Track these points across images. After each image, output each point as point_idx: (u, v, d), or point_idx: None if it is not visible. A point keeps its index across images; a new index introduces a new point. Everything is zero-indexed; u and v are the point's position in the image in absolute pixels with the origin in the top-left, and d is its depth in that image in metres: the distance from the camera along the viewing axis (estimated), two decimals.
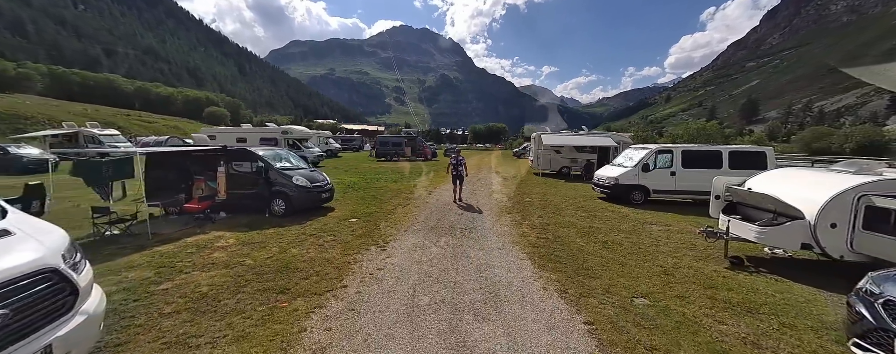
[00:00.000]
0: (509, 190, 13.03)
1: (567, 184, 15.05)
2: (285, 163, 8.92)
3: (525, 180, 16.54)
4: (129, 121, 65.80)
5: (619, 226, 7.61)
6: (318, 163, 22.96)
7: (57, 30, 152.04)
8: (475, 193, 12.26)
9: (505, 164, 27.16)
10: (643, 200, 10.12)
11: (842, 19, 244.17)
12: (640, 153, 10.55)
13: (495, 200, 10.86)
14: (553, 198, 11.21)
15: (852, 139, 55.76)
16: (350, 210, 9.03)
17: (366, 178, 16.38)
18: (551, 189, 13.63)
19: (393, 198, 10.88)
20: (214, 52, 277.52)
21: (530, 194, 12.18)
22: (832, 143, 56.42)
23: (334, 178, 16.10)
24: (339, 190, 12.25)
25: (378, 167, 22.57)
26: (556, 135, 19.43)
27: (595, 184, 11.29)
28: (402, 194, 11.84)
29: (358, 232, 6.91)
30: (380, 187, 13.53)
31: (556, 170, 18.77)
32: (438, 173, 19.34)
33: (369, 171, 19.79)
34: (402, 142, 30.40)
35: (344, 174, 18.12)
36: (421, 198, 11.05)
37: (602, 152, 18.40)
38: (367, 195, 11.42)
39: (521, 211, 9.09)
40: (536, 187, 14.08)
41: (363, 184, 14.15)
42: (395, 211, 8.93)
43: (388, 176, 17.53)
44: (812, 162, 20.05)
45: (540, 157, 18.51)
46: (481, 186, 14.21)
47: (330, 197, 9.25)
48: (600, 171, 11.27)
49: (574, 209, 9.44)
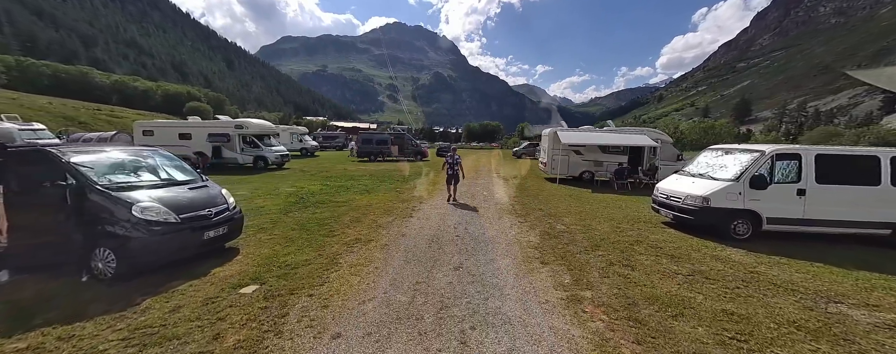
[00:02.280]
0: (527, 209, 9.18)
1: (600, 198, 11.24)
2: (132, 177, 4.88)
3: (540, 190, 12.71)
4: (96, 116, 60.63)
5: (780, 311, 3.82)
6: (283, 165, 18.93)
7: (32, 20, 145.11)
8: (481, 215, 8.38)
9: (506, 166, 23.33)
10: (749, 234, 6.34)
11: (830, 21, 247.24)
12: (736, 158, 6.76)
13: (513, 232, 7.00)
14: (598, 226, 7.38)
15: (864, 139, 54.08)
16: (261, 258, 5.09)
17: (331, 187, 12.42)
18: (584, 206, 9.81)
19: (351, 227, 6.96)
20: (201, 46, 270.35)
21: (559, 216, 8.34)
22: (842, 144, 54.81)
23: (286, 187, 12.28)
24: (276, 210, 8.27)
25: (355, 170, 18.59)
26: (577, 132, 15.62)
27: (659, 205, 7.49)
28: (369, 216, 7.92)
29: (227, 343, 3.00)
30: (343, 203, 9.57)
31: (575, 174, 14.99)
32: (429, 177, 15.43)
33: (342, 176, 15.82)
34: (387, 140, 26.37)
35: (306, 180, 14.12)
36: (396, 226, 7.15)
37: (633, 153, 14.67)
38: (314, 220, 7.48)
39: (565, 260, 5.22)
40: (561, 202, 10.24)
41: (322, 198, 10.18)
42: (342, 261, 5.01)
43: (362, 183, 13.60)
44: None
45: (556, 159, 14.72)
46: (485, 200, 10.33)
47: (229, 235, 5.28)
48: (671, 185, 7.44)
49: (651, 254, 5.59)
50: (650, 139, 13.79)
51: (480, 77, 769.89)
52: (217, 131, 17.65)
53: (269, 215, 7.87)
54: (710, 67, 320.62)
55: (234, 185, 12.57)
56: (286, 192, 11.09)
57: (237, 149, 17.64)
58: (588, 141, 14.30)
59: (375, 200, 10.03)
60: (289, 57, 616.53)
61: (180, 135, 17.78)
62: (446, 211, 8.62)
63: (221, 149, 17.65)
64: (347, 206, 9.06)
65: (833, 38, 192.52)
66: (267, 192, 11.05)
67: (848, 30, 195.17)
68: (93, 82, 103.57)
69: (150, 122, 18.71)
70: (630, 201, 10.63)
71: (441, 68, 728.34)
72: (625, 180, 12.93)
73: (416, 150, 28.02)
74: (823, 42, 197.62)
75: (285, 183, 13.33)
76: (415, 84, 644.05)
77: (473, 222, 7.55)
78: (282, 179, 14.37)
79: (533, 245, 5.98)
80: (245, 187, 12.09)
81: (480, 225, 7.27)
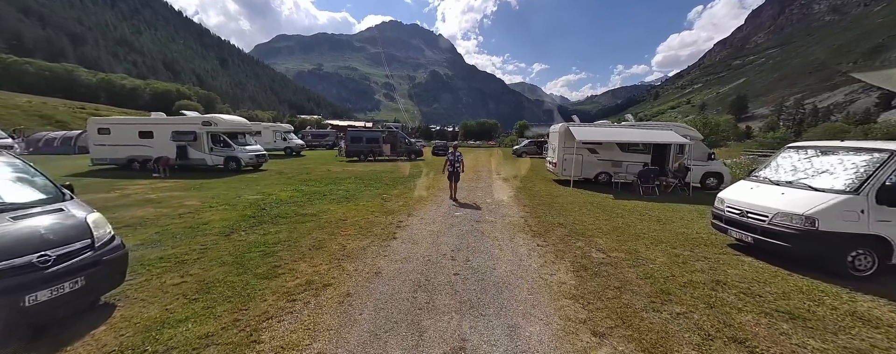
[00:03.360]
0: (544, 224, 7.23)
1: (627, 206, 9.31)
2: None
3: (552, 195, 10.75)
4: (77, 115, 57.94)
5: None
6: (260, 166, 16.91)
7: (19, 18, 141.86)
8: (486, 234, 6.42)
9: (508, 166, 21.36)
10: (874, 268, 4.43)
11: (824, 18, 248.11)
12: (846, 161, 4.84)
13: (534, 263, 5.05)
14: (647, 252, 5.44)
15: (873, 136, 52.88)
16: (135, 331, 3.10)
17: (305, 193, 10.43)
18: (613, 218, 7.86)
19: (307, 258, 4.98)
20: (194, 44, 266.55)
21: (589, 235, 6.41)
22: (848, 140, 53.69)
23: (250, 194, 10.14)
24: (219, 229, 6.29)
25: (340, 172, 16.57)
26: (592, 128, 13.64)
27: (727, 222, 5.56)
28: (338, 238, 5.94)
29: None
30: (311, 216, 7.58)
31: (590, 176, 13.05)
32: (423, 180, 13.46)
33: (324, 179, 13.81)
34: (379, 138, 24.32)
35: (279, 185, 12.08)
36: (371, 255, 5.17)
37: (657, 151, 12.75)
38: (261, 245, 5.50)
39: (630, 327, 3.28)
40: (584, 213, 8.29)
41: (287, 209, 8.18)
42: (264, 338, 3.02)
43: (344, 187, 11.60)
44: None
45: (568, 159, 12.78)
46: (490, 210, 8.36)
47: (92, 287, 3.27)
48: (745, 196, 5.48)
49: (753, 309, 3.68)
50: (679, 135, 11.87)
51: (477, 75, 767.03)
52: (182, 129, 15.55)
53: (206, 237, 5.88)
54: (705, 65, 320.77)
55: (190, 192, 10.55)
56: (247, 202, 9.08)
57: (205, 149, 15.57)
58: (607, 137, 12.31)
59: (354, 211, 8.05)
60: (284, 55, 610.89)
61: (141, 134, 15.67)
62: (440, 229, 6.66)
63: (187, 148, 15.58)
64: (315, 222, 7.07)
65: (828, 36, 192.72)
66: (224, 202, 9.04)
67: (842, 27, 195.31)
68: (78, 80, 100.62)
69: (107, 119, 16.55)
70: (666, 211, 8.71)
71: (438, 67, 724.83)
72: (651, 184, 11.03)
73: (410, 149, 25.99)
74: (818, 39, 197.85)
75: (253, 188, 11.31)
76: (411, 82, 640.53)
77: (478, 247, 5.59)
78: (251, 184, 12.35)
79: (568, 290, 4.02)
80: (200, 195, 10.06)
81: (487, 253, 5.31)
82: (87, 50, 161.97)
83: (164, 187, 11.49)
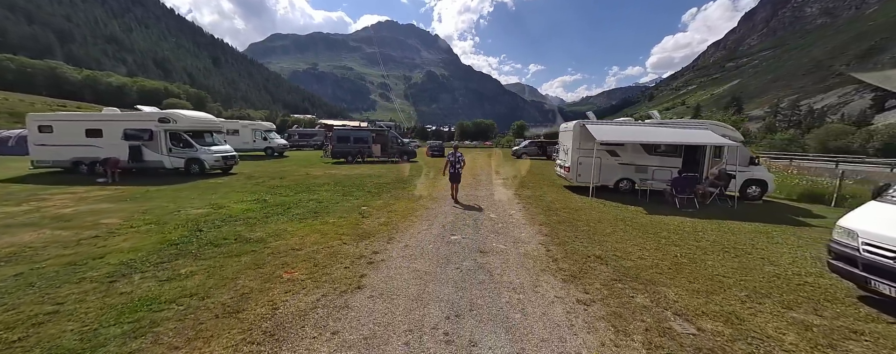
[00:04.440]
0: (574, 257, 5.27)
1: (672, 225, 7.34)
2: None
3: (571, 209, 8.77)
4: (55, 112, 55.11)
5: None
6: (230, 169, 14.87)
7: (4, 14, 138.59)
8: (498, 279, 4.43)
9: (508, 168, 19.38)
10: None
11: (816, 21, 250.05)
12: None
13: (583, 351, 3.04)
14: (751, 317, 3.49)
15: (877, 138, 51.59)
16: None
17: (268, 205, 8.39)
18: (665, 245, 5.90)
19: (204, 338, 2.96)
20: (186, 42, 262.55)
21: (647, 279, 4.44)
22: (852, 142, 52.23)
23: (193, 208, 7.55)
24: (112, 267, 4.21)
25: (321, 175, 14.51)
26: (613, 126, 11.62)
27: (863, 269, 3.61)
28: (275, 289, 3.92)
29: None
30: (256, 243, 5.54)
31: (610, 183, 11.10)
32: (415, 185, 11.44)
33: (298, 185, 11.76)
34: (367, 138, 22.25)
35: (238, 194, 10.00)
36: (314, 329, 3.16)
37: (688, 154, 10.83)
38: (151, 303, 3.49)
39: None
40: (624, 238, 6.32)
41: (229, 231, 6.15)
42: None
43: (317, 197, 9.56)
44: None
45: (584, 162, 10.83)
46: (496, 234, 6.36)
47: None
48: None
49: None
50: (717, 135, 9.96)
51: (473, 76, 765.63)
52: (135, 126, 13.41)
53: (80, 285, 3.87)
54: (699, 66, 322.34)
55: (123, 204, 8.47)
56: (183, 219, 7.03)
57: (162, 150, 13.45)
58: (632, 137, 10.31)
59: (316, 235, 6.03)
60: (279, 55, 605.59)
61: (88, 132, 13.50)
62: (430, 268, 4.66)
63: (142, 149, 13.45)
64: (255, 254, 5.04)
65: (820, 38, 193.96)
66: (154, 219, 6.99)
67: (835, 30, 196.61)
68: (62, 77, 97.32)
69: (49, 115, 14.30)
70: (723, 232, 6.77)
71: (434, 67, 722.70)
72: (690, 194, 9.11)
73: (401, 150, 23.91)
74: (811, 41, 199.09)
75: (204, 199, 9.25)
76: (407, 82, 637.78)
77: (487, 307, 3.60)
78: (206, 192, 10.27)
79: None
80: (133, 209, 7.98)
81: (503, 321, 3.32)
82: (75, 47, 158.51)
83: (97, 197, 9.39)
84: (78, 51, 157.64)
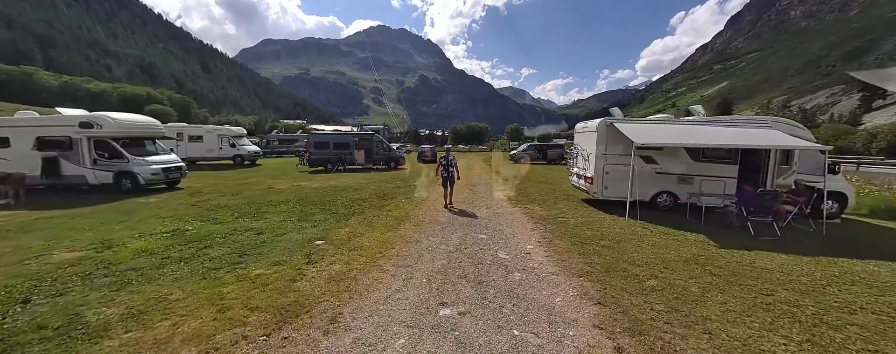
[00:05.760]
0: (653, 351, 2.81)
1: (767, 266, 4.99)
2: None
3: (610, 237, 6.30)
4: None
5: None
6: (178, 182, 12.28)
7: None
8: None
9: (507, 169, 16.93)
10: None
11: (801, 24, 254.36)
12: None
13: None
14: None
15: (882, 138, 50.33)
16: None
17: (182, 241, 5.82)
18: (788, 325, 3.50)
19: None
20: (174, 48, 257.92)
21: None
22: (855, 143, 51.16)
23: (69, 247, 4.59)
24: None
25: (286, 189, 11.94)
26: (649, 123, 9.17)
27: None
28: None
29: None
30: (96, 334, 3.00)
31: (646, 197, 8.68)
32: (399, 203, 8.85)
33: (248, 203, 9.19)
34: (349, 144, 19.69)
35: (160, 219, 7.41)
36: None
37: (745, 159, 8.47)
38: None
39: None
40: (716, 299, 3.93)
41: (74, 303, 3.59)
42: None
43: (261, 223, 6.99)
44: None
45: (611, 170, 8.45)
46: (511, 291, 3.92)
47: None
48: None
49: None
50: (785, 135, 7.64)
51: (466, 80, 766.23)
52: (50, 133, 10.76)
53: None
54: (688, 69, 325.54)
55: None
56: (21, 276, 4.46)
57: (85, 162, 10.81)
58: (677, 139, 7.87)
59: (207, 314, 3.50)
60: (270, 60, 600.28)
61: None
62: None
63: (60, 161, 10.80)
64: None
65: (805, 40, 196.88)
66: None
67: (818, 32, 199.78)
68: (38, 84, 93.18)
69: None
70: (848, 281, 4.40)
71: (426, 71, 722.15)
72: (765, 217, 6.69)
73: (388, 156, 21.35)
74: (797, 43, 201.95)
75: (103, 229, 6.67)
76: (400, 87, 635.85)
77: None
78: (116, 218, 7.66)
79: None
80: None
81: None
82: (56, 53, 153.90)
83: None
84: (59, 57, 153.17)
